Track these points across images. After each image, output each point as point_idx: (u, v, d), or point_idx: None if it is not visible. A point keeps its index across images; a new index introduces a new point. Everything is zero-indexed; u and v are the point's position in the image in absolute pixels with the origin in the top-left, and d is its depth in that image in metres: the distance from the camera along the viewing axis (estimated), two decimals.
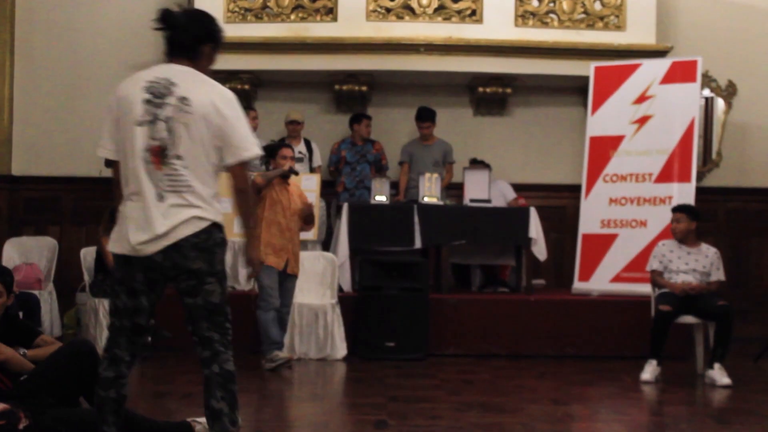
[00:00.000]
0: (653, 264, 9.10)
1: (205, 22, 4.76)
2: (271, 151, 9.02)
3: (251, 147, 4.63)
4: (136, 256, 4.53)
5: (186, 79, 4.58)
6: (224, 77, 10.76)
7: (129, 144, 4.54)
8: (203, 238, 4.54)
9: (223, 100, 4.58)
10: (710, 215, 10.25)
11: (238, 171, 4.62)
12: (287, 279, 8.96)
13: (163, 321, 8.79)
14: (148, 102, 4.53)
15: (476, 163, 11.51)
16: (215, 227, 4.60)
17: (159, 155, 4.51)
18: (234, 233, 9.02)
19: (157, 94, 4.54)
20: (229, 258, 9.84)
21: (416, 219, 10.37)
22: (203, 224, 4.54)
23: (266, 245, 8.74)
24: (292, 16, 11.34)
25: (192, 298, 4.58)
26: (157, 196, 4.50)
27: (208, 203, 4.56)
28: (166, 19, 4.65)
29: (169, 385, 7.96)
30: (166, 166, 4.51)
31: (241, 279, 10.22)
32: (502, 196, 11.53)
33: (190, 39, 4.67)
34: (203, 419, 5.06)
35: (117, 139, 4.61)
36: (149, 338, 8.94)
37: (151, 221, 4.48)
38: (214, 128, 4.53)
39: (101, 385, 4.65)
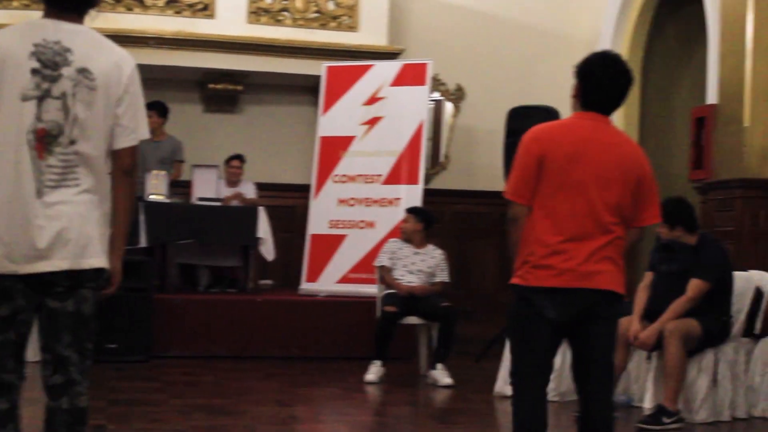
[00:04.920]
0: (383, 260, 9.28)
1: None
2: None
3: (146, 125, 4.08)
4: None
5: (82, 44, 3.86)
6: None
7: (8, 122, 3.74)
8: None
9: (129, 67, 3.95)
10: (437, 217, 10.57)
11: (131, 151, 3.96)
12: None
13: None
14: (36, 72, 3.73)
15: None
16: None
17: (45, 142, 3.74)
18: None
19: (48, 64, 3.76)
20: None
21: (141, 217, 10.23)
22: None
23: None
24: (15, 3, 10.95)
25: (60, 302, 3.83)
26: (37, 193, 3.73)
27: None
28: None
29: None
30: (53, 156, 3.75)
31: None
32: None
33: None
34: None
35: None
36: None
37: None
38: (115, 104, 3.89)
39: None
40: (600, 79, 4.47)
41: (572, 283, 4.35)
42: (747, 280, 7.76)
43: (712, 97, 10.14)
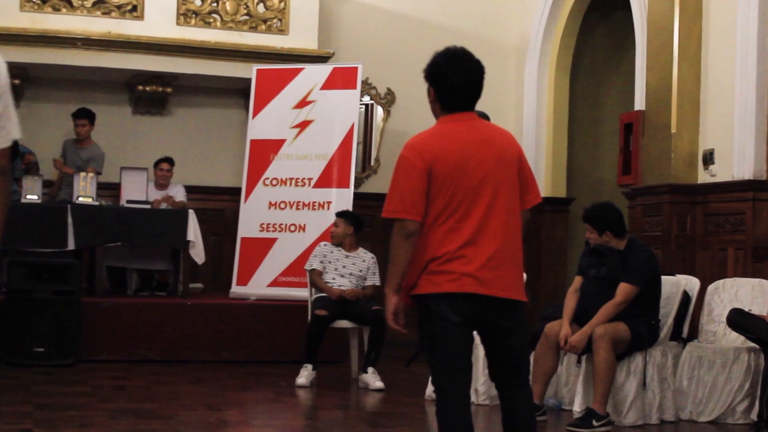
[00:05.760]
0: (313, 263, 9.27)
1: None
2: None
3: (17, 124, 3.89)
4: None
5: None
6: None
7: None
8: None
9: (4, 68, 3.80)
10: (368, 221, 10.58)
11: (7, 152, 3.85)
12: None
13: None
14: None
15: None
16: None
17: None
18: None
19: None
20: None
21: (70, 219, 10.12)
22: None
23: None
24: None
25: None
26: None
27: None
28: None
29: None
30: None
31: None
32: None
33: None
34: None
35: None
36: None
37: None
38: None
39: None
40: (452, 79, 4.46)
41: (470, 289, 4.33)
42: (675, 285, 7.86)
43: (639, 103, 10.28)
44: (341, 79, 11.07)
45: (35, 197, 10.36)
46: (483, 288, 4.33)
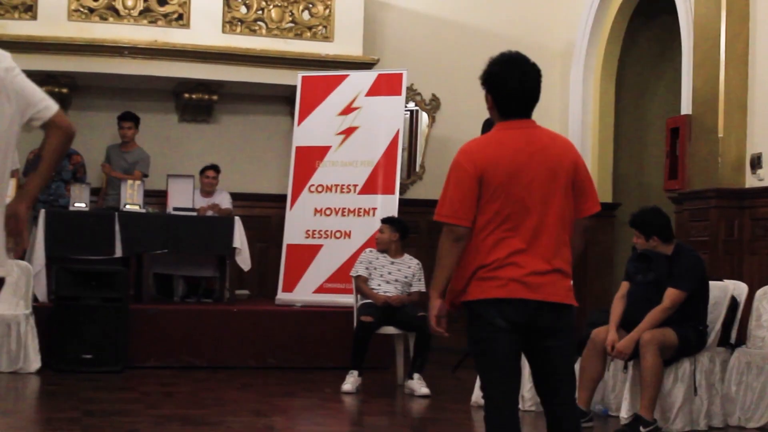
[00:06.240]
0: (359, 270, 9.28)
1: None
2: None
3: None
4: None
5: None
6: None
7: None
8: None
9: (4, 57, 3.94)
10: (413, 227, 10.58)
11: (59, 114, 4.03)
12: None
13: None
14: None
15: None
16: None
17: None
18: None
19: None
20: None
21: (117, 227, 10.20)
22: None
23: None
24: None
25: None
26: None
27: None
28: None
29: None
30: None
31: None
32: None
33: None
34: None
35: None
36: None
37: None
38: (14, 96, 3.91)
39: None
40: (510, 87, 4.42)
41: (519, 294, 4.32)
42: (722, 290, 7.80)
43: (686, 107, 10.20)
44: (386, 86, 11.07)
45: (83, 205, 10.45)
46: (532, 293, 4.31)
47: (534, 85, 4.46)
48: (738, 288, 7.95)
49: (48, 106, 3.94)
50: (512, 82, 4.41)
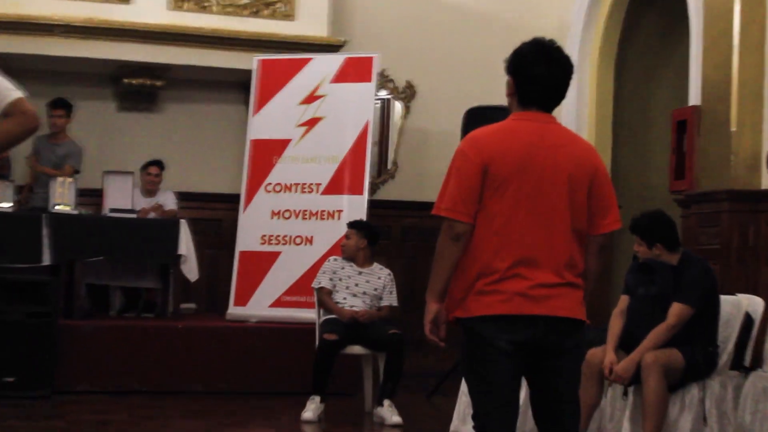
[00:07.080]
0: (322, 281, 9.25)
1: None
2: None
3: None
4: None
5: None
6: None
7: None
8: None
9: None
10: (384, 232, 10.52)
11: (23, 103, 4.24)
12: None
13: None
14: None
15: None
16: None
17: None
18: None
19: None
20: None
21: (45, 230, 10.10)
22: None
23: None
24: None
25: None
26: None
27: None
28: None
29: None
30: None
31: None
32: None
33: None
34: None
35: None
36: None
37: None
38: None
39: None
40: (536, 72, 4.43)
41: (525, 309, 4.29)
42: (735, 306, 7.76)
43: (695, 98, 10.19)
44: (355, 71, 11.06)
45: (6, 205, 10.34)
46: (537, 306, 4.30)
47: (562, 76, 4.48)
48: (753, 303, 7.91)
49: (12, 89, 4.16)
50: (539, 68, 4.43)
